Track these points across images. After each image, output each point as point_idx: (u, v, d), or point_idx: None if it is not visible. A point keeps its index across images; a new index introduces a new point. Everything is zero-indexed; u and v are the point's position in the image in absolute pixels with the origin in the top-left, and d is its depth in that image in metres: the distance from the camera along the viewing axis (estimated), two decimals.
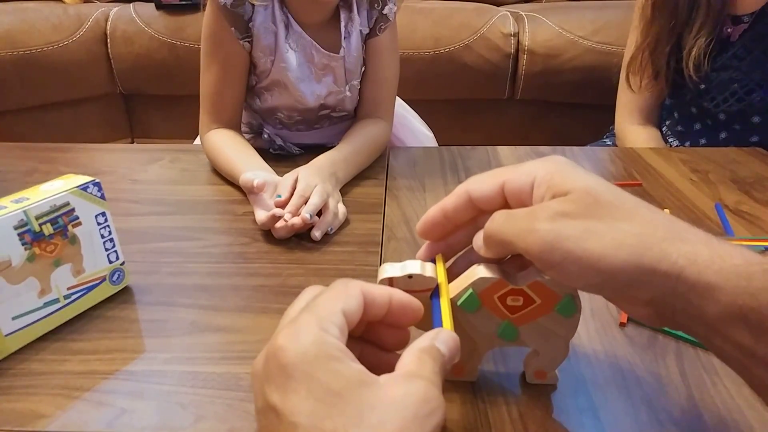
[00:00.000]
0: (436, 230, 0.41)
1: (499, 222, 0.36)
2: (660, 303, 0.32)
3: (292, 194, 0.70)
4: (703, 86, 1.06)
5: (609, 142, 1.27)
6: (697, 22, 1.02)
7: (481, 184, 0.38)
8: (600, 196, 0.34)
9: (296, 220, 0.65)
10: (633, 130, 1.17)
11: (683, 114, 1.15)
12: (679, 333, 0.51)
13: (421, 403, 0.27)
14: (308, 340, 0.28)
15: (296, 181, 0.72)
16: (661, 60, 1.08)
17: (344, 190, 0.80)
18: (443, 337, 0.33)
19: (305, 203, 0.68)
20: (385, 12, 0.89)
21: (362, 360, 0.31)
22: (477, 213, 0.39)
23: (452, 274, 0.41)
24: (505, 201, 0.38)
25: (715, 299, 0.30)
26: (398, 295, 0.34)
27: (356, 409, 0.26)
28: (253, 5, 0.84)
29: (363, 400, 0.27)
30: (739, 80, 1.02)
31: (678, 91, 1.12)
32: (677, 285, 0.31)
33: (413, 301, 0.35)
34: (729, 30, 1.03)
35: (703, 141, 1.12)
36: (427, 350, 0.31)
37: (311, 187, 0.70)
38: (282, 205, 0.68)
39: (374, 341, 0.36)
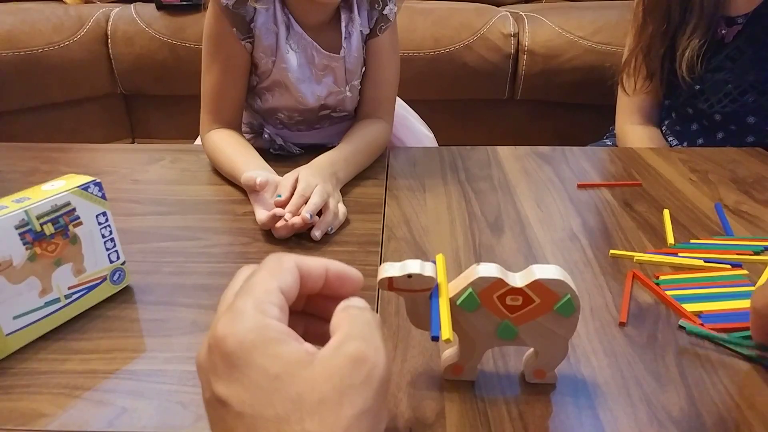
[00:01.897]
0: None
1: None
2: None
3: (292, 194, 0.70)
4: (697, 87, 1.06)
5: (609, 143, 1.27)
6: (690, 23, 1.02)
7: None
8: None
9: (296, 220, 0.66)
10: (633, 129, 1.18)
11: (680, 114, 1.15)
12: (737, 348, 0.51)
13: (353, 367, 0.26)
14: (247, 326, 0.27)
15: (297, 180, 0.72)
16: (655, 62, 1.09)
17: (344, 190, 0.80)
18: (349, 286, 0.33)
19: (305, 203, 0.68)
20: (385, 12, 0.89)
21: (308, 334, 0.31)
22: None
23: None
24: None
25: None
26: (334, 265, 0.33)
27: (296, 392, 0.26)
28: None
29: (302, 380, 0.26)
30: (733, 81, 1.02)
31: (674, 92, 1.12)
32: None
33: (351, 271, 0.34)
34: (723, 31, 1.03)
35: (700, 141, 1.12)
36: (351, 309, 0.30)
37: (312, 187, 0.71)
38: (282, 205, 0.68)
39: (318, 314, 0.34)
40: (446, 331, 0.36)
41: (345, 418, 0.25)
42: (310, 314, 0.35)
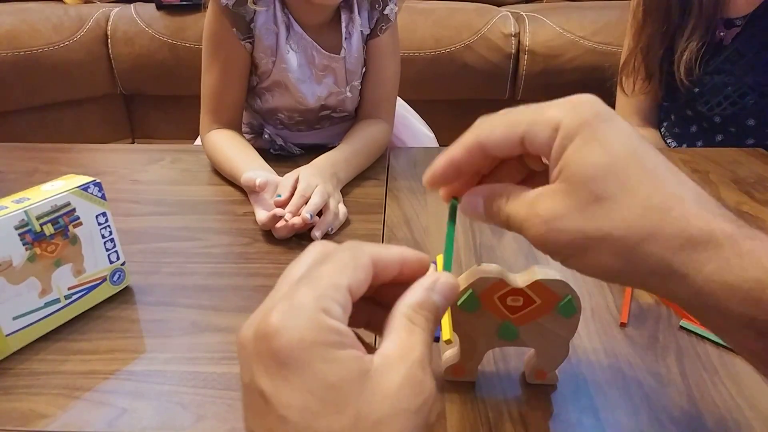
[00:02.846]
0: (446, 181, 0.37)
1: (502, 204, 0.33)
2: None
3: (292, 194, 0.70)
4: (696, 90, 1.05)
5: None
6: (689, 25, 1.02)
7: (495, 134, 0.33)
8: (601, 192, 0.29)
9: (297, 220, 0.65)
10: None
11: (679, 116, 1.15)
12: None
13: (412, 392, 0.25)
14: (305, 324, 0.25)
15: (297, 180, 0.72)
16: (653, 63, 1.08)
17: (345, 190, 0.80)
18: (441, 286, 0.30)
19: (306, 203, 0.68)
20: (386, 12, 0.89)
21: (370, 325, 0.30)
22: (488, 162, 0.35)
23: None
24: (524, 148, 0.33)
25: (720, 311, 0.28)
26: (410, 255, 0.31)
27: (354, 408, 0.24)
28: (254, 1, 0.84)
29: (360, 395, 0.24)
30: (733, 84, 1.02)
31: (673, 94, 1.12)
32: (678, 291, 0.29)
33: (423, 258, 0.32)
34: (722, 34, 1.03)
35: (699, 143, 1.12)
36: (417, 308, 0.28)
37: (312, 187, 0.71)
38: (282, 205, 0.68)
39: (384, 301, 0.31)
40: (446, 331, 0.36)
41: None
42: (376, 302, 0.32)
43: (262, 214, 0.68)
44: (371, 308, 0.32)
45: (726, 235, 0.28)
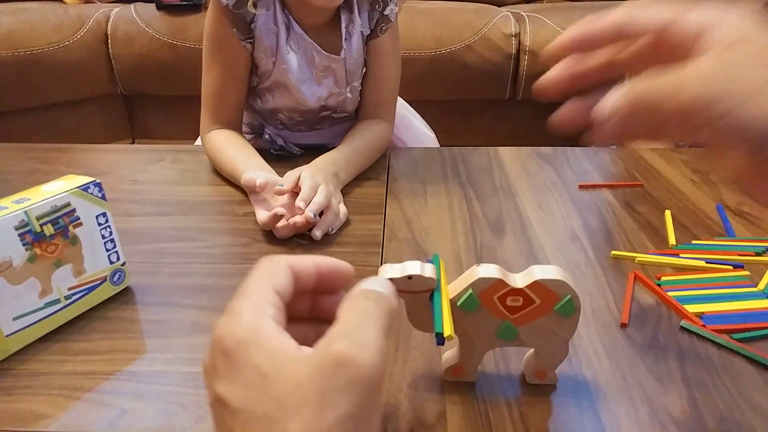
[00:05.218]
0: (572, 49, 0.36)
1: (645, 81, 0.30)
2: None
3: (293, 190, 0.70)
4: None
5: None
6: None
7: (643, 15, 0.32)
8: None
9: (299, 219, 0.66)
10: None
11: None
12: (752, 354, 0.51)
13: (336, 369, 0.25)
14: (244, 325, 0.28)
15: (299, 178, 0.71)
16: None
17: (345, 190, 0.80)
18: (374, 279, 0.31)
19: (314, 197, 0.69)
20: (386, 13, 0.89)
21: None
22: (617, 49, 0.34)
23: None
24: (658, 43, 0.32)
25: None
26: (324, 261, 0.34)
27: (282, 390, 0.25)
28: (254, 5, 0.84)
29: (288, 379, 0.25)
30: None
31: None
32: None
33: (341, 264, 0.34)
34: None
35: None
36: (354, 298, 0.29)
37: (317, 184, 0.71)
38: (283, 194, 0.68)
39: (327, 318, 0.31)
40: (448, 327, 0.36)
41: (326, 422, 0.24)
42: (320, 319, 0.34)
43: (262, 214, 0.68)
44: (318, 326, 0.33)
45: None
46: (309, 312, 0.35)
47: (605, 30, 0.33)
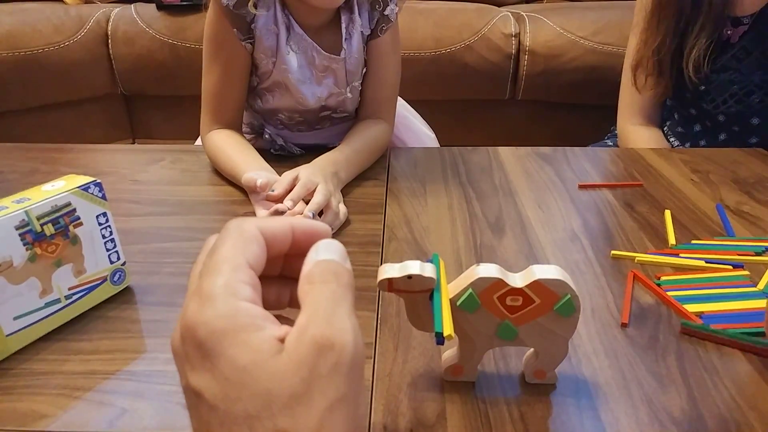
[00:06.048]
0: None
1: None
2: None
3: (287, 191, 0.70)
4: (702, 87, 1.06)
5: (610, 143, 1.27)
6: (698, 23, 1.02)
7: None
8: None
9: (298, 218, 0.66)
10: (635, 130, 1.18)
11: (683, 115, 1.15)
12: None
13: (319, 355, 0.24)
14: (218, 312, 0.25)
15: (296, 179, 0.72)
16: (665, 61, 1.08)
17: (345, 190, 0.80)
18: (323, 245, 0.29)
19: (307, 195, 0.69)
20: (386, 13, 0.89)
21: (293, 301, 0.29)
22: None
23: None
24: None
25: None
26: (300, 224, 0.31)
27: (265, 387, 0.24)
28: (255, 5, 0.84)
29: (271, 373, 0.24)
30: (739, 82, 1.02)
31: (678, 93, 1.12)
32: None
33: (318, 225, 0.32)
34: (729, 32, 1.03)
35: (702, 142, 1.12)
36: (310, 275, 0.28)
37: (314, 183, 0.71)
38: (275, 200, 0.68)
39: (297, 277, 0.30)
40: (448, 327, 0.36)
41: (318, 411, 0.24)
42: (290, 278, 0.32)
43: (262, 213, 0.69)
44: (289, 285, 0.32)
45: None
46: (280, 272, 0.33)
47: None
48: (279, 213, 0.66)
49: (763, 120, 1.04)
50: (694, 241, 0.67)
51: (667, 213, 0.73)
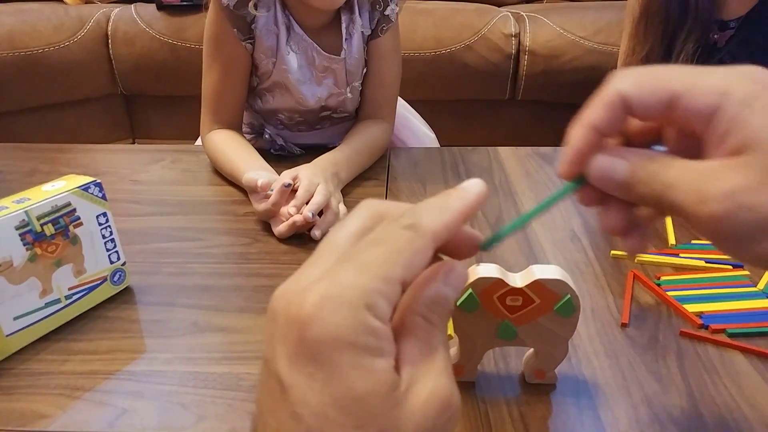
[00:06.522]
0: (588, 155, 0.30)
1: (659, 169, 0.27)
2: None
3: (284, 199, 0.70)
4: None
5: None
6: (686, 27, 1.02)
7: (644, 91, 0.28)
8: None
9: (298, 217, 0.66)
10: None
11: None
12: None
13: (441, 411, 0.23)
14: (344, 321, 0.22)
15: (296, 178, 0.71)
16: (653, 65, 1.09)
17: (345, 190, 0.80)
18: (454, 279, 0.26)
19: (309, 200, 0.69)
20: (386, 13, 0.89)
21: None
22: (623, 128, 0.30)
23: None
24: (669, 116, 0.28)
25: None
26: (472, 212, 0.28)
27: (377, 424, 0.22)
28: (255, 6, 0.84)
29: (388, 412, 0.22)
30: None
31: None
32: None
33: (480, 195, 0.29)
34: (716, 36, 1.03)
35: None
36: (433, 306, 0.25)
37: (314, 185, 0.71)
38: (276, 207, 0.68)
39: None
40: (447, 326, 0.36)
41: None
42: None
43: (261, 205, 0.69)
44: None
45: None
46: None
47: (603, 116, 0.29)
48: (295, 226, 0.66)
49: None
50: (694, 241, 0.67)
51: None
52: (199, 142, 0.99)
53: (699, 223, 0.26)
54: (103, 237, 0.55)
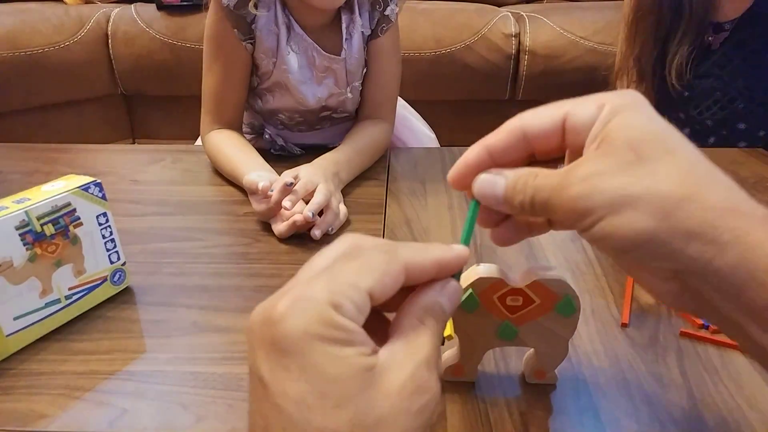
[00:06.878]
0: (476, 173, 0.33)
1: (533, 177, 0.31)
2: (689, 277, 0.28)
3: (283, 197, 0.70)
4: (686, 94, 1.06)
5: None
6: (680, 29, 1.02)
7: (538, 117, 0.32)
8: (645, 152, 0.28)
9: (298, 217, 0.66)
10: None
11: (672, 120, 1.15)
12: None
13: (415, 393, 0.25)
14: (311, 317, 0.24)
15: (296, 178, 0.71)
16: (646, 68, 1.09)
17: (345, 190, 0.80)
18: (449, 292, 0.29)
19: (306, 197, 0.69)
20: (386, 13, 0.89)
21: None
22: (526, 154, 0.33)
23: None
24: (563, 140, 0.32)
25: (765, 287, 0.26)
26: (448, 258, 0.30)
27: (353, 404, 0.23)
28: (255, 6, 0.84)
29: (362, 392, 0.24)
30: (721, 88, 1.03)
31: (667, 97, 1.12)
32: (715, 260, 0.27)
33: (460, 256, 0.30)
34: (710, 38, 1.03)
35: None
36: (428, 310, 0.28)
37: (313, 183, 0.71)
38: (276, 206, 0.68)
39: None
40: (447, 327, 0.36)
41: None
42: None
43: (261, 206, 0.69)
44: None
45: None
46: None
47: (500, 142, 0.33)
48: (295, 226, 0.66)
49: (748, 125, 1.04)
50: None
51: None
52: (199, 142, 1.00)
53: (561, 208, 0.29)
54: (103, 237, 0.55)
